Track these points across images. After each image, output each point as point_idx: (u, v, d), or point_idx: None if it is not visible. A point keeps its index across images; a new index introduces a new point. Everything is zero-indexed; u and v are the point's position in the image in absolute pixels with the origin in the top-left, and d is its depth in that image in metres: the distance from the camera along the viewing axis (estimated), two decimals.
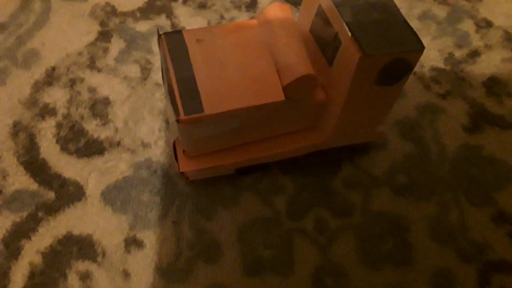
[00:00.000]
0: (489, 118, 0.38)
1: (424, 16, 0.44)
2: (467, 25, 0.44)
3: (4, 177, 0.34)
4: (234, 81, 0.26)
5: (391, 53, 0.23)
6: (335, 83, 0.27)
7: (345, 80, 0.26)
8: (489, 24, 0.44)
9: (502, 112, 0.39)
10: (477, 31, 0.43)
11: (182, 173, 0.30)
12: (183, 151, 0.30)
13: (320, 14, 0.26)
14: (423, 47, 0.24)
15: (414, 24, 0.43)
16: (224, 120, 0.26)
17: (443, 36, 0.43)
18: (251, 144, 0.30)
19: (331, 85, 0.28)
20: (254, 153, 0.30)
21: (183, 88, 0.25)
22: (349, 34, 0.24)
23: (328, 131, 0.31)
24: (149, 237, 0.32)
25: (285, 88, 0.26)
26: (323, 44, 0.27)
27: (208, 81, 0.26)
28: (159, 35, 0.27)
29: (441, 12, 0.44)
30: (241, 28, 0.28)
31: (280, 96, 0.26)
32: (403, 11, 0.44)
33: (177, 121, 0.25)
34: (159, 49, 0.28)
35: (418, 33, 0.43)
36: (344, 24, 0.24)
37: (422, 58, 0.41)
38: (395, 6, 0.25)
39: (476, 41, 0.43)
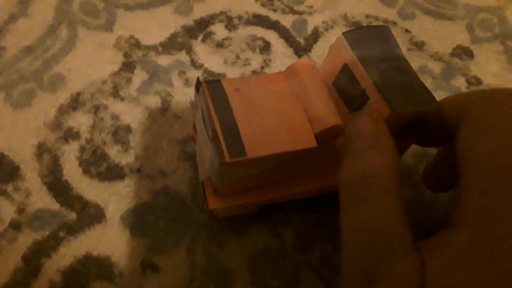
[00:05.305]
0: None
1: (421, 71, 0.48)
2: (460, 81, 0.48)
3: (27, 196, 0.35)
4: (271, 128, 0.28)
5: (415, 111, 0.26)
6: None
7: None
8: (479, 81, 0.49)
9: None
10: (468, 87, 0.48)
11: (211, 211, 0.32)
12: (213, 189, 0.32)
13: (346, 71, 0.29)
14: (439, 107, 0.27)
15: None
16: (261, 163, 0.28)
17: (438, 89, 0.47)
18: (276, 183, 0.33)
19: None
20: (279, 192, 0.32)
21: (227, 133, 0.27)
22: (378, 92, 0.27)
23: None
24: (165, 262, 0.34)
25: (316, 136, 0.29)
26: (347, 97, 0.29)
27: (248, 127, 0.28)
28: (200, 83, 0.29)
29: (436, 67, 0.49)
30: (272, 80, 0.31)
31: (312, 143, 0.28)
32: None
33: (221, 163, 0.27)
34: (196, 95, 0.30)
35: None
36: (373, 83, 0.27)
37: None
38: (412, 69, 0.28)
39: None
